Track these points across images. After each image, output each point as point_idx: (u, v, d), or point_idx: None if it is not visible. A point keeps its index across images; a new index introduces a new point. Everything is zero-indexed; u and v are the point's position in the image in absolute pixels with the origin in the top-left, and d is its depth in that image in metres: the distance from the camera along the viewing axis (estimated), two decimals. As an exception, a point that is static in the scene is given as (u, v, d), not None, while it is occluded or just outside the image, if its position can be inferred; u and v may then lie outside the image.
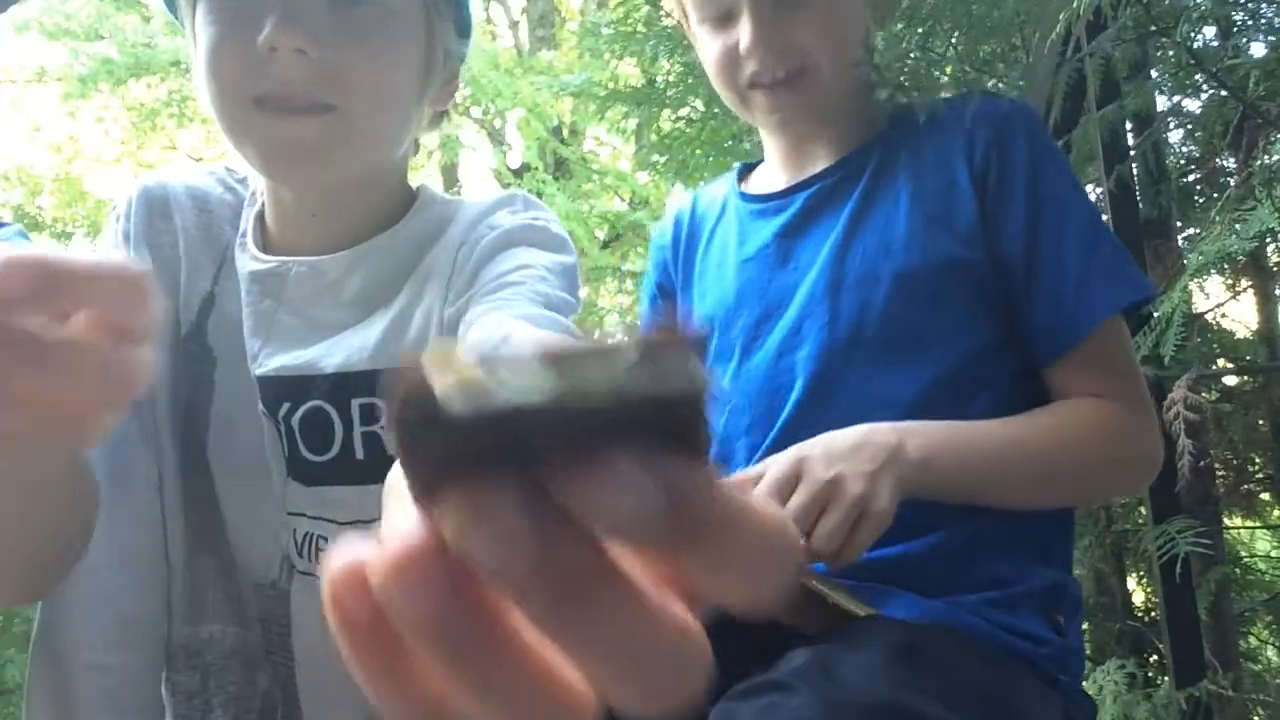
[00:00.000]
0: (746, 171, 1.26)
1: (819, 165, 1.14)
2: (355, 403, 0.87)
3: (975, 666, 0.86)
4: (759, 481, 0.90)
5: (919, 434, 0.94)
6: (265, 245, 0.96)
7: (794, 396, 1.05)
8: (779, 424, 1.05)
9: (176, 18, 0.92)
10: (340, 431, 0.88)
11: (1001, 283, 1.04)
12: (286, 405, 0.89)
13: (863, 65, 1.11)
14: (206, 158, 12.40)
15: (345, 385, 0.87)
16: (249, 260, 0.94)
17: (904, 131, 1.12)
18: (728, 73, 1.10)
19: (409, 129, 0.94)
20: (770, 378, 1.07)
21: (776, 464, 0.91)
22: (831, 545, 0.86)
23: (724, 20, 1.08)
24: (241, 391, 0.91)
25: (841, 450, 0.91)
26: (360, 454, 0.88)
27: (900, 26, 1.59)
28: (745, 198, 1.20)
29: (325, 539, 0.88)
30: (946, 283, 1.03)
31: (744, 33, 1.05)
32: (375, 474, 0.83)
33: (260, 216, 0.98)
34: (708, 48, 1.12)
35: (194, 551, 0.93)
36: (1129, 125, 1.77)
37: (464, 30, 0.96)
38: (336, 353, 0.88)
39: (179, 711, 0.92)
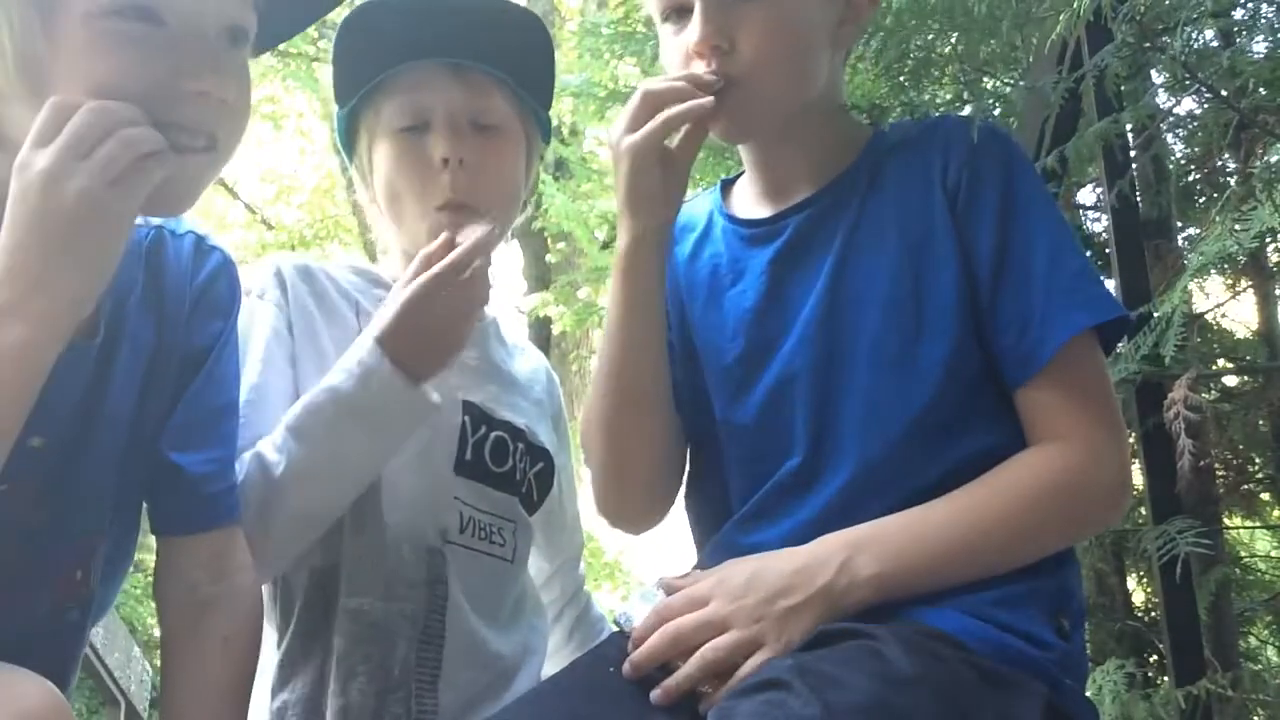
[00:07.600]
0: (727, 186, 1.22)
1: (803, 190, 1.11)
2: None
3: (970, 671, 0.86)
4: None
5: (873, 545, 0.94)
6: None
7: (799, 431, 1.04)
8: (791, 462, 1.04)
9: (350, 160, 1.32)
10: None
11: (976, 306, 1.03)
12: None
13: (826, 93, 1.09)
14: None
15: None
16: None
17: (885, 154, 1.10)
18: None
19: (519, 209, 1.35)
20: (772, 412, 1.06)
21: (702, 579, 0.96)
22: (701, 674, 0.89)
23: (680, 16, 1.04)
24: None
25: (766, 581, 0.92)
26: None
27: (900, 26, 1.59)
28: (732, 220, 1.16)
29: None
30: (931, 308, 1.02)
31: (692, 29, 1.02)
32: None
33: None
34: (665, 51, 1.09)
35: (354, 529, 1.16)
36: (1129, 126, 1.77)
37: (546, 137, 1.36)
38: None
39: (329, 670, 1.13)
